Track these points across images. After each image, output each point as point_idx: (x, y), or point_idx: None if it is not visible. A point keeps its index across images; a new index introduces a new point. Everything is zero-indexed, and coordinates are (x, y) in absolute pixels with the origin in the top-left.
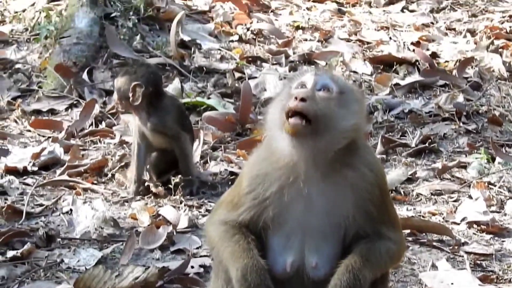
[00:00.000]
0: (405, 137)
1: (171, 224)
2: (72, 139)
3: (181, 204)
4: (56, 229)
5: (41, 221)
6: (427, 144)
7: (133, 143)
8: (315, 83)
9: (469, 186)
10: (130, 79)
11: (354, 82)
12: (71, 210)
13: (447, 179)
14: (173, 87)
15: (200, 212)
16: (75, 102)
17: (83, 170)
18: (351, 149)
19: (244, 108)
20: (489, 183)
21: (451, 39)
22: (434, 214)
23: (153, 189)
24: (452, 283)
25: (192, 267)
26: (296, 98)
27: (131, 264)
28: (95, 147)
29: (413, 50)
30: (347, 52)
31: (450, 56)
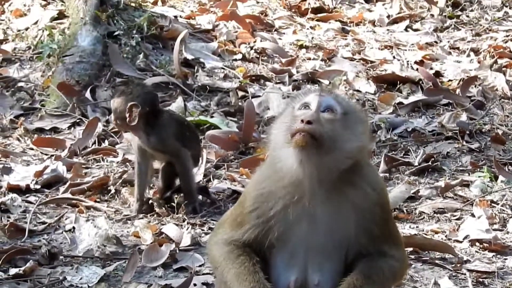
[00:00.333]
0: (408, 155)
1: (173, 242)
2: (75, 157)
3: (183, 222)
4: (58, 247)
5: (43, 238)
6: (430, 163)
7: (135, 162)
8: (320, 104)
9: (471, 205)
10: (126, 100)
11: (358, 101)
12: (73, 228)
13: (450, 197)
14: (176, 105)
15: (202, 230)
16: (78, 121)
17: (86, 188)
18: (354, 168)
19: (247, 127)
20: (491, 201)
21: (455, 58)
22: (436, 232)
23: (157, 209)
24: None
25: (195, 284)
26: (302, 121)
27: (133, 281)
28: (98, 165)
29: (417, 69)
30: (350, 71)
31: (453, 75)
